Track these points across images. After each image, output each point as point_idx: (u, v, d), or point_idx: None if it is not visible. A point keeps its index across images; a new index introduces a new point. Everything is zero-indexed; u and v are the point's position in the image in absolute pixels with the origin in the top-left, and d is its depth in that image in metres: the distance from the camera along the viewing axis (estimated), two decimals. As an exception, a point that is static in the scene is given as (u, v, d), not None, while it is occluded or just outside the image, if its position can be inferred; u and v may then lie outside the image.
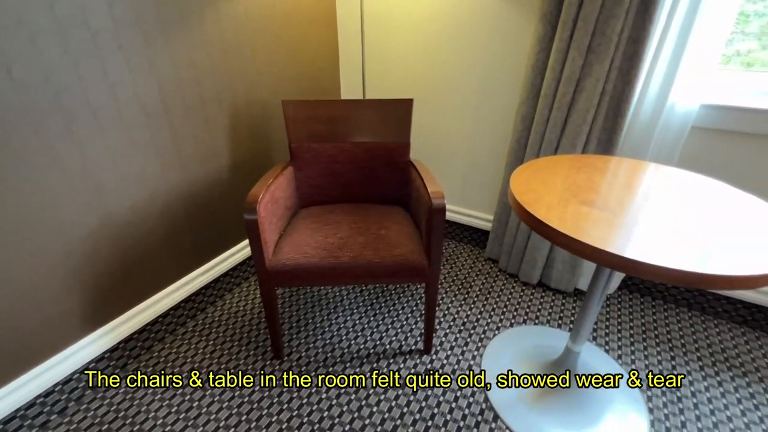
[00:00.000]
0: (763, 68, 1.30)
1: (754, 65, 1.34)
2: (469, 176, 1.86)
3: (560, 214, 0.82)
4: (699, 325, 1.50)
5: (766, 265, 0.66)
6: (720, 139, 1.30)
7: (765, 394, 1.23)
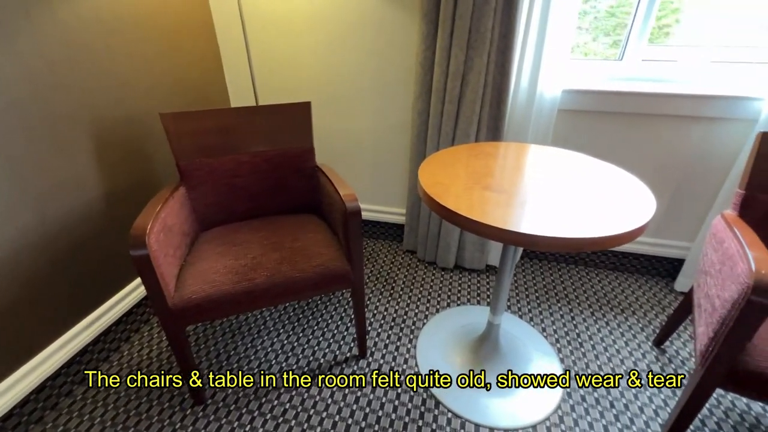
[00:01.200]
0: (596, 57, 1.57)
1: (588, 55, 1.60)
2: (377, 174, 1.88)
3: (467, 201, 0.86)
4: (585, 277, 1.76)
5: (627, 226, 0.79)
6: (581, 118, 1.53)
7: (638, 324, 1.49)
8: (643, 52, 1.47)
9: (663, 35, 1.55)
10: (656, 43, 1.55)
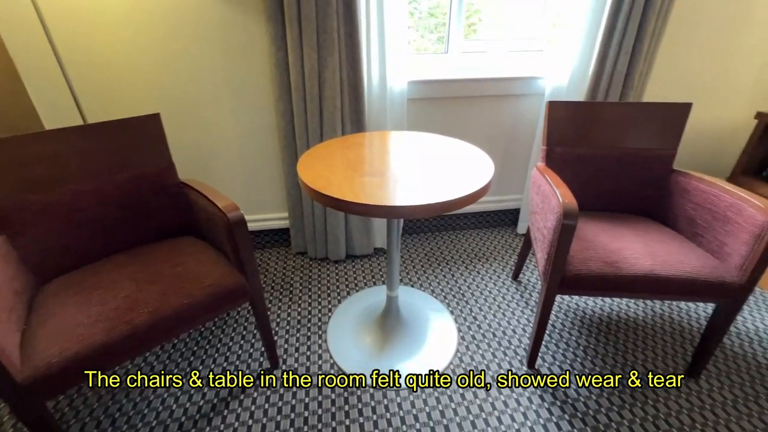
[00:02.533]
0: (427, 52, 1.83)
1: (420, 50, 1.85)
2: (250, 181, 1.81)
3: (351, 188, 0.93)
4: (455, 239, 2.05)
5: (477, 185, 0.98)
6: (426, 104, 1.76)
7: (499, 266, 1.83)
8: (461, 45, 1.77)
9: (472, 32, 1.90)
10: (470, 38, 1.89)
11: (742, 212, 1.09)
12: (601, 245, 1.19)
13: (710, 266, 1.11)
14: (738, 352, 1.37)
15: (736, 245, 1.10)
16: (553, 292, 1.15)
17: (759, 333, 1.45)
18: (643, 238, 1.23)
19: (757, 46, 1.88)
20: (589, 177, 1.44)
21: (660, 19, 1.58)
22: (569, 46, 1.64)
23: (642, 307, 1.58)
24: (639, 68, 1.64)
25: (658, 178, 1.39)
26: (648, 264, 1.11)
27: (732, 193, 1.14)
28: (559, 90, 1.73)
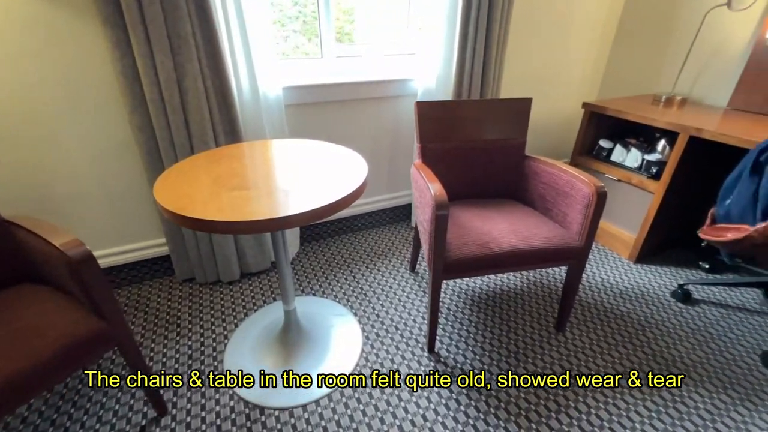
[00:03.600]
0: (307, 56, 1.81)
1: (309, 54, 1.83)
2: (113, 209, 1.57)
3: (217, 206, 0.87)
4: (355, 241, 2.08)
5: (346, 191, 1.00)
6: (306, 109, 1.74)
7: (398, 260, 1.91)
8: (335, 50, 1.79)
9: (346, 37, 1.94)
10: (349, 42, 1.92)
11: (575, 187, 1.31)
12: (475, 229, 1.31)
13: (559, 235, 1.31)
14: (591, 302, 1.65)
15: (574, 215, 1.32)
16: (438, 278, 1.23)
17: (604, 283, 1.76)
18: (508, 218, 1.39)
19: (579, 48, 2.28)
20: (460, 168, 1.58)
21: (502, 29, 1.81)
22: (434, 50, 1.78)
23: (519, 277, 1.79)
24: (492, 70, 1.86)
25: (515, 164, 1.59)
26: (512, 241, 1.27)
27: (567, 172, 1.36)
28: (429, 91, 1.86)
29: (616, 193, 1.95)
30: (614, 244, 2.00)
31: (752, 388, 1.27)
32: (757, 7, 1.73)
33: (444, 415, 1.17)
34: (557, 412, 1.19)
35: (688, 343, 1.44)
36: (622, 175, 1.89)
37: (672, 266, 1.89)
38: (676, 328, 1.51)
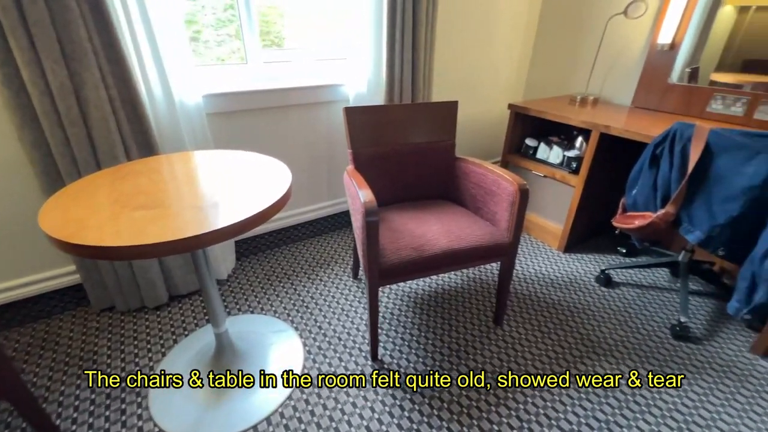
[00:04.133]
0: (232, 62, 1.72)
1: (244, 59, 1.72)
2: (9, 238, 1.37)
3: (114, 229, 0.78)
4: (295, 252, 2.01)
5: (264, 204, 0.95)
6: (232, 118, 1.65)
7: (341, 269, 1.87)
8: (261, 55, 1.72)
9: (280, 40, 1.86)
10: (279, 47, 1.85)
11: (500, 186, 1.36)
12: (409, 233, 1.32)
13: (489, 233, 1.35)
14: (526, 293, 1.73)
15: (501, 212, 1.37)
16: (375, 285, 1.21)
17: (537, 274, 1.86)
18: (441, 219, 1.42)
19: (503, 53, 2.40)
20: (394, 172, 1.58)
21: (428, 32, 1.85)
22: (363, 55, 1.77)
23: (459, 275, 1.84)
24: (422, 74, 1.90)
25: (446, 166, 1.63)
26: (445, 242, 1.29)
27: (493, 171, 1.41)
28: (361, 96, 1.85)
29: (544, 188, 2.08)
30: (545, 236, 2.13)
31: (664, 360, 1.40)
32: (649, 16, 1.93)
33: (388, 423, 1.15)
34: (497, 405, 1.22)
35: (610, 324, 1.56)
36: (547, 171, 2.01)
37: (595, 253, 2.04)
38: (600, 311, 1.63)
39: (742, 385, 1.30)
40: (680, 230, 1.38)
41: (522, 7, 2.34)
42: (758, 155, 1.17)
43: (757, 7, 1.58)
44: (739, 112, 1.70)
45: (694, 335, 1.51)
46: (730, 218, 1.24)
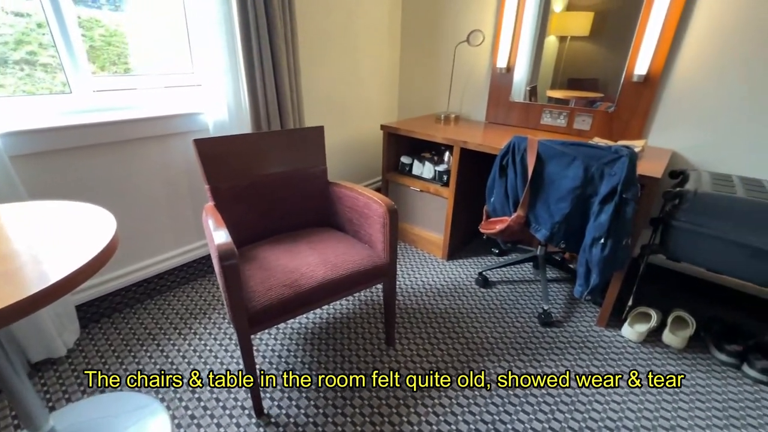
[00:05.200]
0: (44, 92, 1.43)
1: (67, 87, 1.42)
2: None
3: None
4: (159, 306, 1.73)
5: (77, 263, 0.78)
6: (49, 160, 1.35)
7: (223, 320, 1.67)
8: (91, 83, 1.47)
9: (123, 66, 1.61)
10: (119, 73, 1.59)
11: (371, 208, 1.37)
12: (282, 269, 1.23)
13: (367, 256, 1.33)
14: (415, 307, 1.77)
15: (376, 234, 1.37)
16: (245, 334, 1.09)
17: (425, 285, 1.93)
18: (318, 248, 1.36)
19: (372, 76, 2.50)
20: (266, 204, 1.48)
21: (290, 58, 1.81)
22: (218, 81, 1.64)
23: (348, 302, 1.80)
24: (289, 99, 1.84)
25: (321, 192, 1.58)
26: (322, 273, 1.23)
27: (363, 194, 1.41)
28: (222, 124, 1.71)
29: (423, 202, 2.19)
30: (430, 247, 2.23)
31: (536, 348, 1.55)
32: (487, 44, 2.21)
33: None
34: (399, 424, 1.19)
35: (490, 323, 1.68)
36: (422, 185, 2.12)
37: (474, 257, 2.21)
38: (482, 312, 1.75)
39: (594, 357, 1.51)
40: (531, 230, 1.56)
41: (383, 35, 2.47)
42: (575, 161, 1.38)
43: (572, 37, 1.91)
44: (562, 123, 2.03)
45: (557, 319, 1.71)
46: (563, 216, 1.44)
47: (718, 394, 1.35)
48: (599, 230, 1.36)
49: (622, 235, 1.35)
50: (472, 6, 2.20)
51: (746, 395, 1.35)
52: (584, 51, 1.88)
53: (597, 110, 1.91)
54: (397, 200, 2.32)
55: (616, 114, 1.86)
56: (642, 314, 1.69)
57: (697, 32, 1.60)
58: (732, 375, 1.44)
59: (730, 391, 1.36)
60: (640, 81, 1.75)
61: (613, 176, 1.31)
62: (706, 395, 1.34)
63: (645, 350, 1.54)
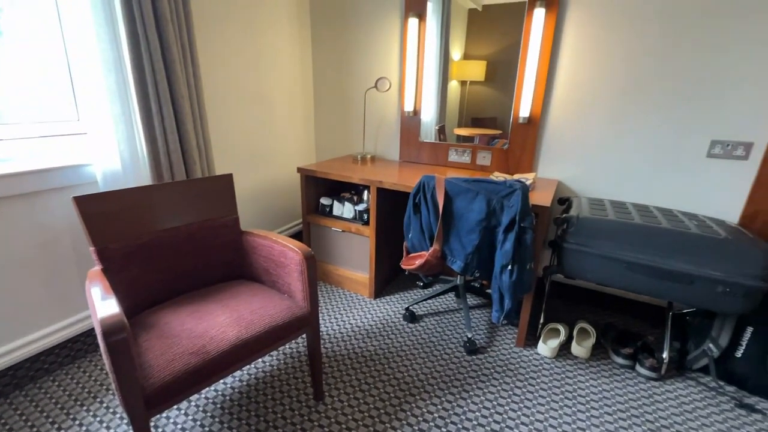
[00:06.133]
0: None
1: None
2: None
3: None
4: (46, 389, 1.43)
5: None
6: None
7: (117, 405, 1.42)
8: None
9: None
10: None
11: (288, 256, 1.32)
12: (187, 334, 1.10)
13: (286, 308, 1.26)
14: (344, 353, 1.70)
15: (295, 282, 1.32)
16: (141, 419, 0.93)
17: (354, 328, 1.88)
18: (230, 305, 1.25)
19: (286, 121, 2.50)
20: (166, 263, 1.34)
21: (194, 104, 1.73)
22: (110, 129, 1.50)
23: (274, 356, 1.67)
24: (195, 147, 1.74)
25: (233, 243, 1.49)
26: (234, 333, 1.13)
27: (279, 242, 1.36)
28: (115, 176, 1.55)
29: (346, 242, 2.18)
30: (356, 287, 2.21)
31: (464, 378, 1.58)
32: (394, 89, 2.37)
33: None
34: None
35: (420, 359, 1.68)
36: (344, 226, 2.12)
37: (401, 292, 2.24)
38: (411, 348, 1.75)
39: (517, 378, 1.58)
40: (447, 262, 1.64)
41: (295, 81, 2.52)
42: (478, 195, 1.51)
43: (471, 82, 2.13)
44: (467, 160, 2.22)
45: (481, 345, 1.78)
46: (474, 246, 1.54)
47: (620, 396, 1.50)
48: (506, 257, 1.48)
49: (526, 260, 1.48)
50: (378, 55, 2.36)
51: (641, 393, 1.52)
52: (482, 94, 2.12)
53: (495, 147, 2.13)
54: (320, 242, 2.28)
55: (510, 150, 2.09)
56: (553, 330, 1.84)
57: (562, 84, 1.91)
58: (629, 376, 1.61)
59: (629, 392, 1.52)
60: (525, 122, 2.00)
61: (511, 208, 1.45)
62: (611, 399, 1.48)
63: (558, 364, 1.66)
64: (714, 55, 1.59)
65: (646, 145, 1.80)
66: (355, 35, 2.41)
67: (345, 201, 2.16)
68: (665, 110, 1.72)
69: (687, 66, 1.64)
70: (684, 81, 1.66)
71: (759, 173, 1.61)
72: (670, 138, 1.74)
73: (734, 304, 1.34)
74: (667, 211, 1.68)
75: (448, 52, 2.14)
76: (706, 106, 1.65)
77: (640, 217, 1.55)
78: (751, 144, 1.60)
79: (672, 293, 1.43)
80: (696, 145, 1.70)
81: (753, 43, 1.52)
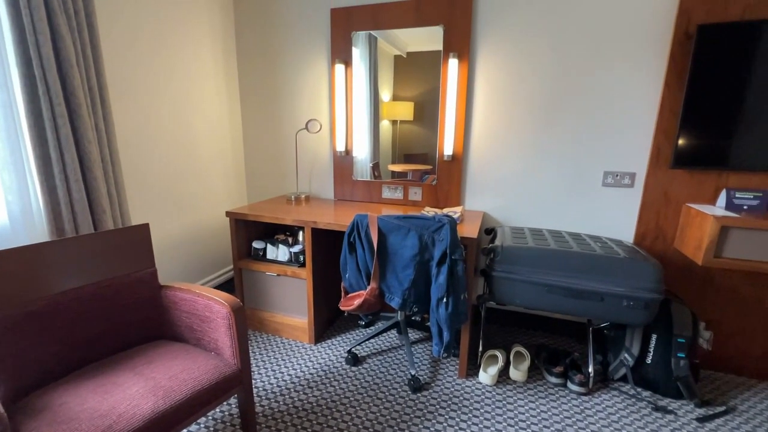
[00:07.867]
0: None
1: None
2: None
3: None
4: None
5: None
6: None
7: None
8: None
9: None
10: None
11: (213, 309, 1.22)
12: (88, 415, 0.94)
13: (213, 367, 1.15)
14: (283, 408, 1.58)
15: (222, 338, 1.21)
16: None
17: (293, 378, 1.76)
18: (146, 372, 1.11)
19: (212, 164, 2.40)
20: (65, 331, 1.16)
21: (106, 149, 1.60)
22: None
23: (202, 423, 1.49)
24: (105, 195, 1.58)
25: (150, 299, 1.35)
26: (149, 406, 0.99)
27: (203, 295, 1.26)
28: (2, 231, 1.34)
29: (280, 287, 2.08)
30: (295, 333, 2.10)
31: (411, 419, 1.54)
32: (326, 131, 2.41)
33: None
34: None
35: (365, 403, 1.62)
36: (279, 269, 2.03)
37: (342, 334, 2.17)
38: (355, 394, 1.68)
39: (461, 411, 1.58)
40: (386, 299, 1.64)
41: (222, 123, 2.45)
42: (410, 231, 1.55)
43: (401, 121, 2.24)
44: (400, 196, 2.29)
45: (425, 381, 1.77)
46: (411, 281, 1.57)
47: (557, 415, 1.56)
48: (441, 290, 1.52)
49: (460, 291, 1.53)
50: (308, 97, 2.41)
51: (574, 410, 1.60)
52: (412, 132, 2.23)
53: (425, 183, 2.24)
54: (253, 288, 2.16)
55: (438, 186, 2.21)
56: (492, 357, 1.89)
57: (479, 123, 2.10)
58: (562, 393, 1.70)
59: (564, 410, 1.60)
60: (450, 159, 2.15)
61: (441, 241, 1.51)
62: (549, 419, 1.54)
63: (499, 391, 1.70)
64: (598, 103, 1.87)
65: (553, 177, 2.02)
66: (283, 78, 2.44)
67: (279, 243, 2.08)
68: (566, 146, 1.96)
69: (581, 110, 1.91)
70: (578, 123, 1.92)
71: (643, 199, 1.88)
72: (572, 170, 1.98)
73: (638, 315, 1.51)
74: (576, 235, 1.87)
75: (377, 93, 2.26)
76: (597, 144, 1.91)
77: (554, 242, 1.71)
78: (634, 174, 1.88)
79: (588, 310, 1.56)
80: (593, 175, 1.95)
81: (626, 92, 1.82)
